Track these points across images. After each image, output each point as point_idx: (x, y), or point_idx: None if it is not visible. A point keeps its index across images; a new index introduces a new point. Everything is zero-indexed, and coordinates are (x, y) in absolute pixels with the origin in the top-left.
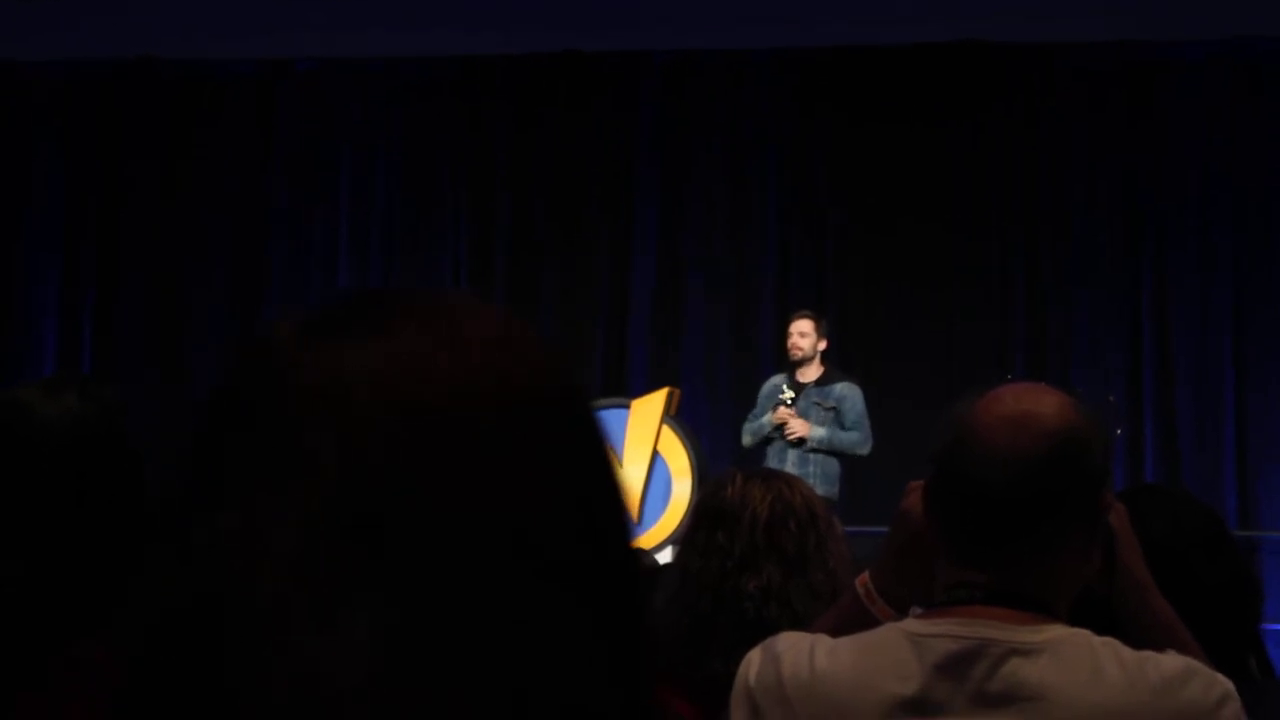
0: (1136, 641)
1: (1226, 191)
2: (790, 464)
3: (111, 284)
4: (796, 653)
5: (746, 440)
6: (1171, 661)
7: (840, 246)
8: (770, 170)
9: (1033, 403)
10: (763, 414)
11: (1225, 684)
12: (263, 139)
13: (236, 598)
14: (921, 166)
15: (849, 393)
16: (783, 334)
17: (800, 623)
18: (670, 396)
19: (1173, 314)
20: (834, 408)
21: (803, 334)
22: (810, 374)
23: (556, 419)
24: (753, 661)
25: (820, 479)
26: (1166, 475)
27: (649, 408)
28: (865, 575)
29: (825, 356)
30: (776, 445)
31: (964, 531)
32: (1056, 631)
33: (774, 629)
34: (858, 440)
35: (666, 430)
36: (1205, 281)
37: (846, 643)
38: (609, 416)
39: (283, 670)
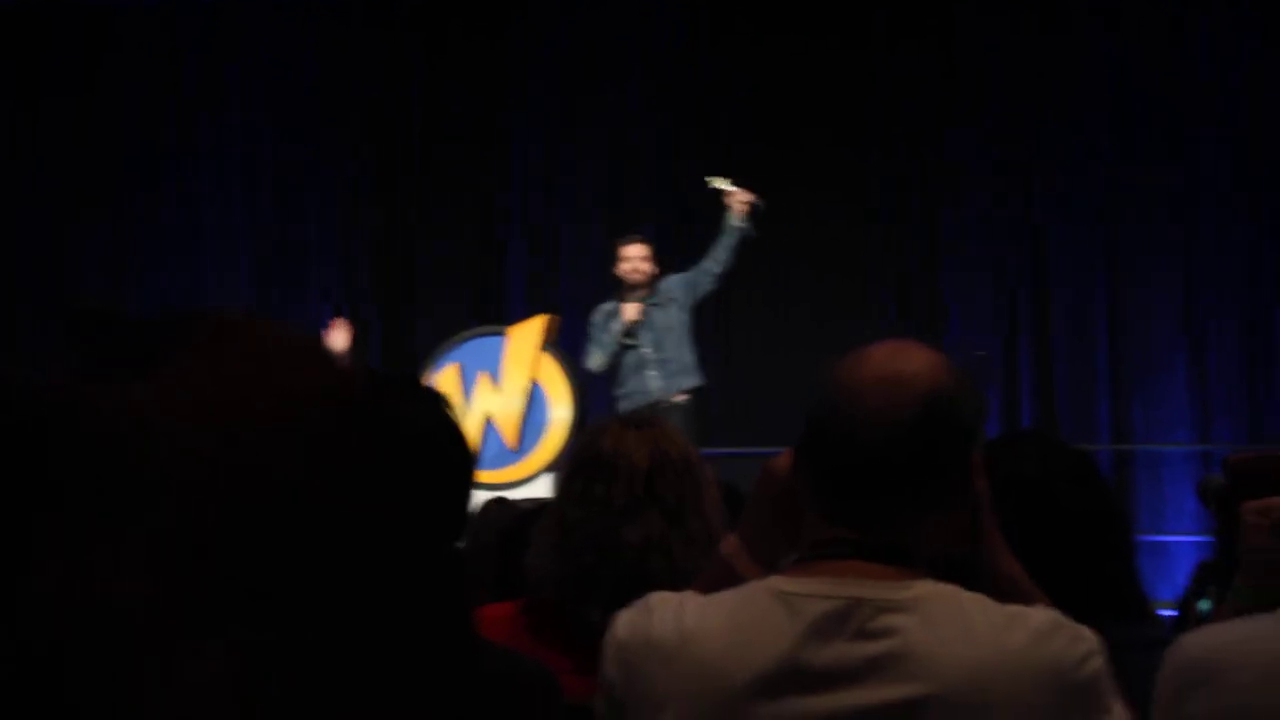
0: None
1: (1105, 105)
2: (651, 369)
3: None
4: (666, 611)
5: (597, 360)
6: (1039, 615)
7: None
8: (651, 92)
9: (904, 362)
10: (604, 332)
11: (1091, 638)
12: (157, 74)
13: (83, 652)
14: (807, 83)
15: (674, 277)
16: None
17: (680, 572)
18: (549, 324)
19: (1050, 231)
20: (675, 298)
21: (644, 258)
22: (640, 296)
23: (369, 427)
24: (623, 619)
25: (682, 371)
26: (1040, 389)
27: (526, 335)
28: (732, 540)
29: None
30: (631, 359)
31: (834, 488)
32: (925, 587)
33: (655, 579)
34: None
35: (545, 358)
36: (1081, 198)
37: (715, 600)
38: (485, 344)
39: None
